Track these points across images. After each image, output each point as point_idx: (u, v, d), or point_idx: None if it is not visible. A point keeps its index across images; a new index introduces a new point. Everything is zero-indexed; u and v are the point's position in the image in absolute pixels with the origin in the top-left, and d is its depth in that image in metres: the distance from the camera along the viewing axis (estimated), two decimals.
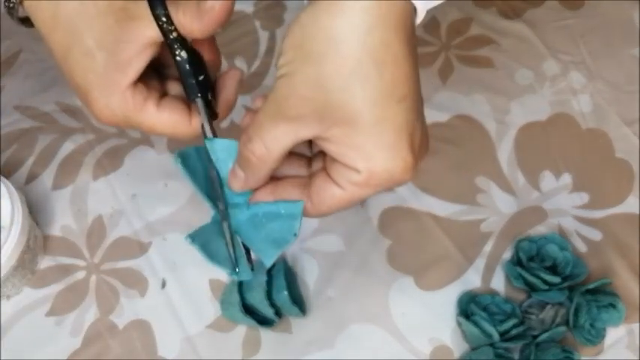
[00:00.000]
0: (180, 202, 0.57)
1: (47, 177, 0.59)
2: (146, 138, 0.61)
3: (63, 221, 0.56)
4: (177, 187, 0.58)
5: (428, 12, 0.37)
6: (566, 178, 0.60)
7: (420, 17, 0.36)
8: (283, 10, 0.70)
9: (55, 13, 0.40)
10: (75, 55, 0.40)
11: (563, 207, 0.59)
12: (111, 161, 0.60)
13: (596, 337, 0.52)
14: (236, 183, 0.40)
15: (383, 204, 0.58)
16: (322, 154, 0.39)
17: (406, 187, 0.59)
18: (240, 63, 0.65)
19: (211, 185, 0.42)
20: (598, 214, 0.58)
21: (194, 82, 0.41)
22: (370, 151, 0.35)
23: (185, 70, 0.40)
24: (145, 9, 0.39)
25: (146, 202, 0.57)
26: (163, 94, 0.43)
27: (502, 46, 0.67)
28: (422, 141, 0.37)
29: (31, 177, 0.59)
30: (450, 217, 0.58)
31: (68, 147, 0.61)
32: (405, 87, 0.35)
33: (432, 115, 0.63)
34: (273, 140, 0.36)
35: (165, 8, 0.38)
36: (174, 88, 0.44)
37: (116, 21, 0.39)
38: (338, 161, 0.36)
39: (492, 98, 0.64)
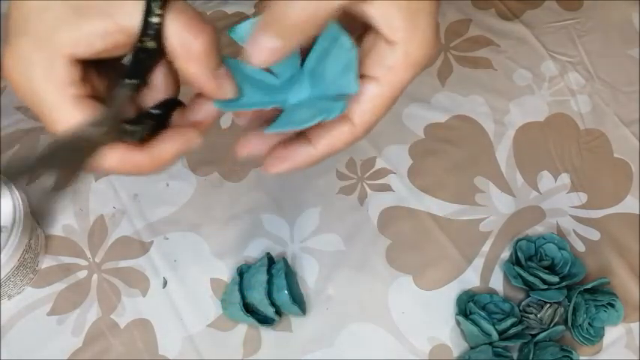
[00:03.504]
0: (181, 202, 0.58)
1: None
2: None
3: (64, 221, 0.57)
4: (179, 187, 0.58)
5: None
6: (565, 178, 0.60)
7: None
8: None
9: None
10: None
11: (562, 207, 0.59)
12: None
13: (594, 336, 0.52)
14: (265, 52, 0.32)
15: (382, 204, 0.58)
16: None
17: (406, 187, 0.59)
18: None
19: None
20: (596, 213, 0.59)
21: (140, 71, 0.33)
22: (409, 20, 0.33)
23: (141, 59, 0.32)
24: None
25: (147, 201, 0.57)
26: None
27: (501, 47, 0.68)
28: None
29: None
30: (449, 217, 0.58)
31: None
32: None
33: (430, 116, 0.63)
34: None
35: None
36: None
37: None
38: (373, 40, 0.34)
39: (491, 99, 0.64)
